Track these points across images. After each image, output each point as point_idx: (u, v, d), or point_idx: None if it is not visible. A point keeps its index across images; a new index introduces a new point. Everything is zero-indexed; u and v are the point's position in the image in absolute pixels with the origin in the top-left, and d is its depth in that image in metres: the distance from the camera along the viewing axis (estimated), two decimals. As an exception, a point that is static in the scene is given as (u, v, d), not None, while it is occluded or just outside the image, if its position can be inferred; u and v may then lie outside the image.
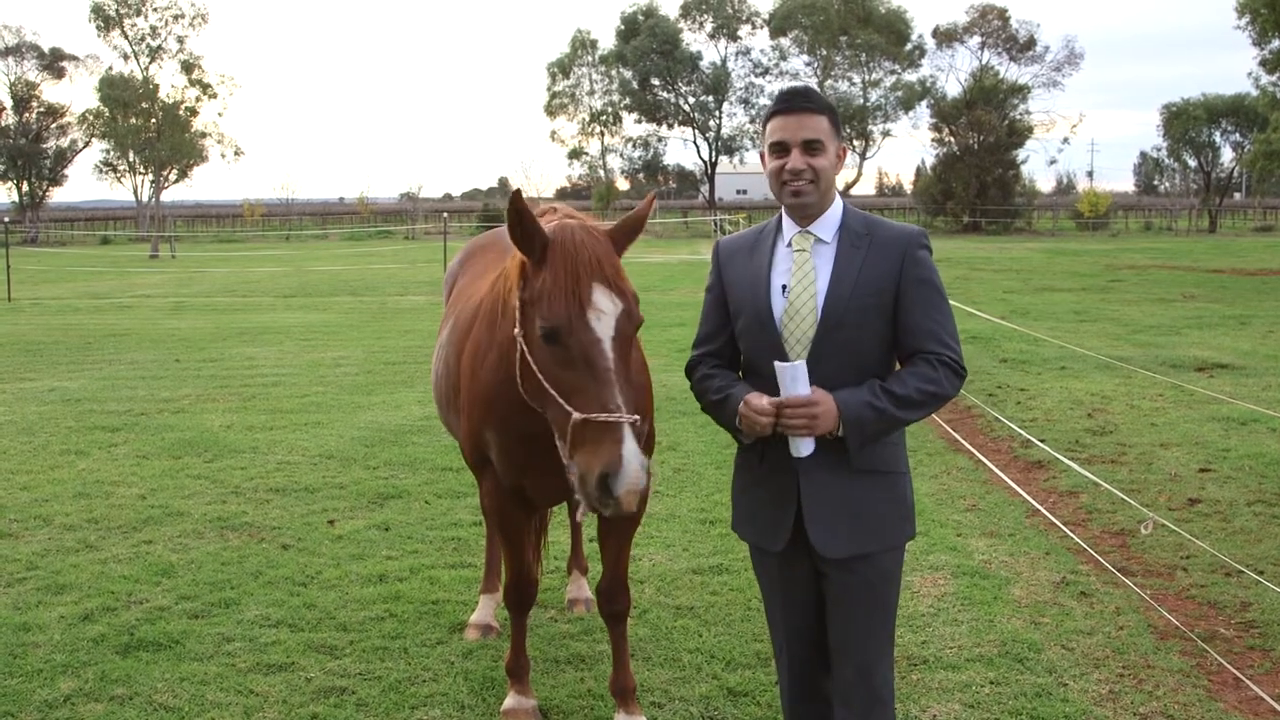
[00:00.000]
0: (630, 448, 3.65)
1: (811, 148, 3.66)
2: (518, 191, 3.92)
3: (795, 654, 3.97)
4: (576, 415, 3.74)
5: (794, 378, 3.50)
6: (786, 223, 3.81)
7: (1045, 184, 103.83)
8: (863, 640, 3.76)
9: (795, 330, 3.67)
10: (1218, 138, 79.55)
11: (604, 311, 3.85)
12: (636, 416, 3.72)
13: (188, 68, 73.19)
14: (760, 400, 3.56)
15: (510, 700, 5.30)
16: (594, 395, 3.74)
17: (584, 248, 3.94)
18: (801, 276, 3.69)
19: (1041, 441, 10.16)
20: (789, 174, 3.67)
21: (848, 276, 3.66)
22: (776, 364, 3.55)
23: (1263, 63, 45.81)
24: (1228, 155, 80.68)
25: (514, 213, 3.93)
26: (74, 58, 78.83)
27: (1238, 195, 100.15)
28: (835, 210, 3.76)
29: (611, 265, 3.97)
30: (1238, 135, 77.06)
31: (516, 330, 4.08)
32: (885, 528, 3.74)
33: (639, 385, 4.85)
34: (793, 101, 3.71)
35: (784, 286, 3.71)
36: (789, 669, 4.00)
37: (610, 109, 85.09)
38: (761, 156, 3.84)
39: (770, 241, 3.83)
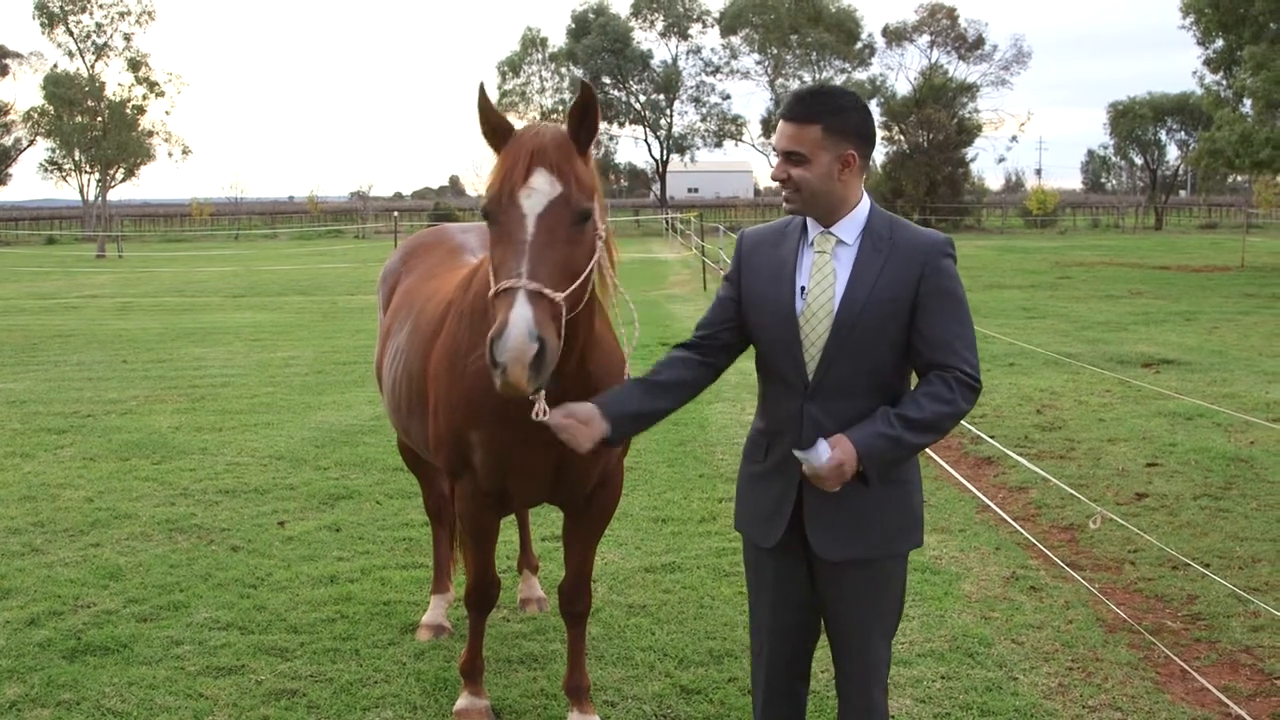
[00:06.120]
0: (519, 312, 3.47)
1: (791, 158, 3.59)
2: (481, 85, 3.89)
3: (778, 656, 3.91)
4: (490, 293, 3.63)
5: (816, 455, 3.43)
6: (810, 221, 3.71)
7: (994, 182, 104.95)
8: (860, 649, 3.75)
9: (810, 332, 3.60)
10: (1163, 136, 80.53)
11: (536, 190, 3.75)
12: (537, 284, 3.56)
13: (134, 65, 72.44)
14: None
15: (463, 701, 5.27)
16: (506, 269, 3.62)
17: (537, 137, 3.86)
18: (820, 279, 3.61)
19: (991, 437, 10.24)
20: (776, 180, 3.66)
21: (865, 281, 3.57)
22: (795, 452, 3.48)
23: (1207, 62, 46.28)
24: (1173, 153, 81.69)
25: (482, 107, 3.88)
26: (17, 55, 77.88)
27: (1183, 193, 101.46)
28: (860, 212, 3.65)
29: (559, 151, 3.85)
30: (1183, 133, 77.98)
31: None
32: (887, 534, 3.67)
33: (612, 378, 4.81)
34: (788, 109, 3.62)
35: (802, 288, 3.64)
36: (768, 670, 3.94)
37: (561, 107, 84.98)
38: None
39: (796, 238, 3.73)
